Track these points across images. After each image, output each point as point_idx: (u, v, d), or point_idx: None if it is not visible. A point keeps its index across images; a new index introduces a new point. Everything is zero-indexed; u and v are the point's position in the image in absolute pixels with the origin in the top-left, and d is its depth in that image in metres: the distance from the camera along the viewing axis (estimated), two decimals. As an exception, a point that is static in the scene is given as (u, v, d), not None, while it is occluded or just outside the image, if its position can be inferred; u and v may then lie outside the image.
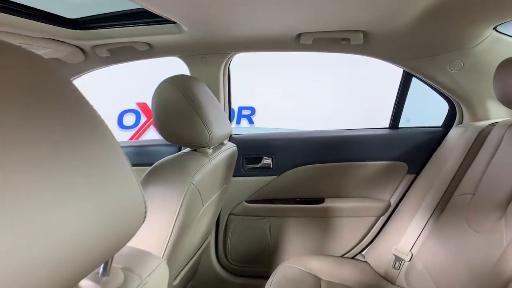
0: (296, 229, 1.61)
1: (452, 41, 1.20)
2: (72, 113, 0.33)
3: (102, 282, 0.42)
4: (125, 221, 0.39)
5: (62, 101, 0.33)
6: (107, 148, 0.37)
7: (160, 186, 0.93)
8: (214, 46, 1.35)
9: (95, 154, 0.34)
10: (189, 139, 1.02)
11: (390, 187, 1.55)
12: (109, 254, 0.38)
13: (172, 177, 0.94)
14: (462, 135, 1.31)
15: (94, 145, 0.35)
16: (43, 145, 0.28)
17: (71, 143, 0.31)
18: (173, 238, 0.92)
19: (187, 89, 1.00)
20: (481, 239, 1.02)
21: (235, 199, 1.62)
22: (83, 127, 0.34)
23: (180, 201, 0.90)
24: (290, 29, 1.20)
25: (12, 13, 0.94)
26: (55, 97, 0.32)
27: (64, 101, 0.33)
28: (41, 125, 0.29)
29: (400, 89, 1.50)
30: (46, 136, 0.29)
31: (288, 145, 1.59)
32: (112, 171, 0.37)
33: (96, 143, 0.35)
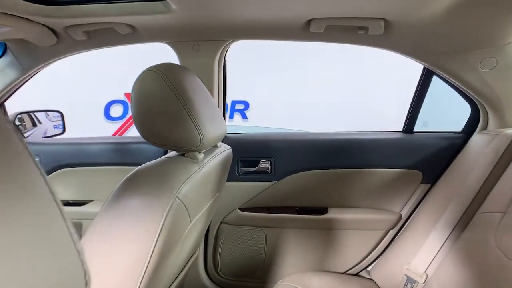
0: (295, 241, 1.44)
1: (487, 35, 1.04)
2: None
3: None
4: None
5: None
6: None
7: (137, 201, 0.75)
8: (209, 31, 1.16)
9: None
10: (176, 141, 0.83)
11: (402, 198, 1.39)
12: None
13: (152, 190, 0.75)
14: (490, 143, 1.15)
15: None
16: None
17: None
18: (153, 263, 0.74)
19: (175, 81, 0.81)
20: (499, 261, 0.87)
21: (227, 206, 1.45)
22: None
23: (162, 220, 0.72)
24: (298, 14, 1.02)
25: None
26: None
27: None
28: None
29: (419, 88, 1.33)
30: None
31: (289, 148, 1.42)
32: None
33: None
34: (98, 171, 1.52)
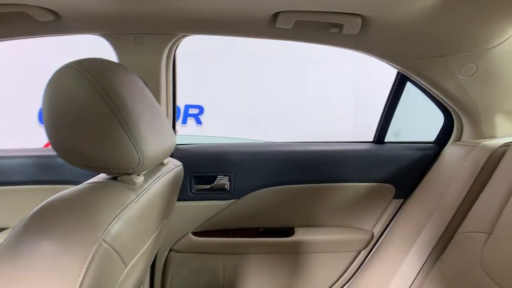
0: (258, 269, 1.27)
1: (468, 39, 0.95)
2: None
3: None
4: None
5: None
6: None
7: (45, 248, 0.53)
8: (154, 22, 0.96)
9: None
10: (105, 162, 0.62)
11: (374, 215, 1.28)
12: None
13: (67, 232, 0.54)
14: (467, 155, 1.07)
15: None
16: None
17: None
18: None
19: (105, 81, 0.60)
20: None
21: (178, 231, 1.24)
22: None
23: (82, 274, 0.51)
24: (263, 6, 0.85)
25: None
26: None
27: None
28: None
29: (392, 95, 1.22)
30: None
31: (250, 161, 1.25)
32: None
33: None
34: (15, 192, 1.23)
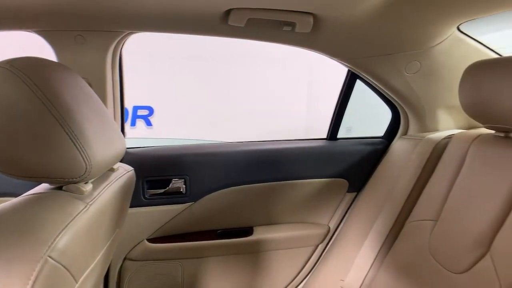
0: (218, 271, 1.25)
1: (412, 38, 1.01)
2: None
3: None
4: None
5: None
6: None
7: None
8: (98, 19, 0.89)
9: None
10: (47, 170, 0.56)
11: (329, 209, 1.31)
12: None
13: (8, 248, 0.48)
14: (414, 148, 1.13)
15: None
16: None
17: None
18: None
19: (43, 83, 0.54)
20: (460, 281, 0.83)
21: (132, 238, 1.18)
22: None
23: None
24: (215, 2, 0.83)
25: None
26: None
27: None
28: None
29: (343, 92, 1.26)
30: None
31: (205, 162, 1.22)
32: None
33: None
34: None
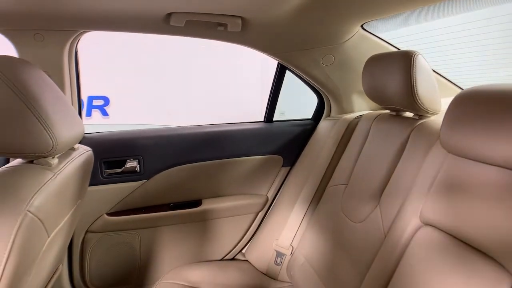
0: (171, 238, 1.42)
1: (325, 35, 1.22)
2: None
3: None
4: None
5: None
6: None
7: None
8: (54, 19, 1.02)
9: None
10: (21, 147, 0.71)
11: (267, 182, 1.53)
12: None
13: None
14: (332, 127, 1.36)
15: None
16: None
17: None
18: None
19: (14, 77, 0.69)
20: (359, 229, 1.06)
21: (92, 213, 1.32)
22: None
23: (11, 240, 0.62)
24: (157, 7, 0.99)
25: None
26: None
27: None
28: None
29: (275, 82, 1.47)
30: None
31: (157, 144, 1.38)
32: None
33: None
34: None
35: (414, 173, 0.90)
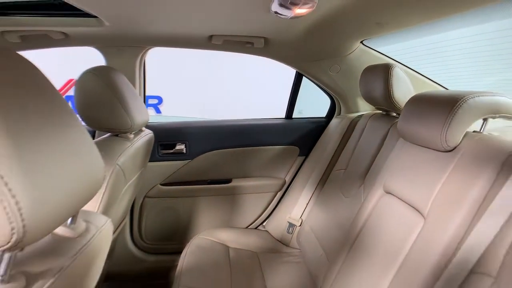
0: (206, 207, 1.81)
1: (331, 49, 1.54)
2: (49, 105, 0.44)
3: (71, 228, 0.56)
4: (90, 184, 0.52)
5: (42, 93, 0.44)
6: (76, 129, 0.49)
7: None
8: (131, 39, 1.45)
9: (67, 135, 0.46)
10: (111, 125, 1.12)
11: (285, 167, 1.86)
12: (77, 207, 0.52)
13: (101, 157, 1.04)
14: (339, 124, 1.67)
15: (66, 128, 0.46)
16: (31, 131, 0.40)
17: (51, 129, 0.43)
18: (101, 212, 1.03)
19: (109, 80, 1.10)
20: (348, 202, 1.36)
21: (150, 183, 1.74)
22: (60, 116, 0.46)
23: (107, 181, 1.01)
24: (203, 31, 1.37)
25: None
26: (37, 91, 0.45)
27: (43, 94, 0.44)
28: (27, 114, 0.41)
29: (294, 86, 1.81)
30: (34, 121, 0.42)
31: (200, 132, 1.77)
32: (81, 146, 0.49)
33: (68, 125, 0.47)
34: None
35: (387, 157, 1.19)
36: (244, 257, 1.52)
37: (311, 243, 1.49)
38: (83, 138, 0.52)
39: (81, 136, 0.51)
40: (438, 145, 0.88)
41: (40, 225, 0.40)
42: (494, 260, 0.68)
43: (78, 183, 0.48)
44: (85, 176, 0.50)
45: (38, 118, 0.43)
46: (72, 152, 0.48)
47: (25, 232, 0.37)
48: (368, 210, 1.12)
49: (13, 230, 0.36)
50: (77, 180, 0.48)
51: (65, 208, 0.45)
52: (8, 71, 0.43)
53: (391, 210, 1.01)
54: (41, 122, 0.43)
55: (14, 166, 0.37)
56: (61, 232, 0.55)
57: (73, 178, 0.47)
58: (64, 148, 0.46)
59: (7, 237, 0.37)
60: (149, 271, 1.80)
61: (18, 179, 0.37)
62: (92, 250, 0.58)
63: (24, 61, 0.46)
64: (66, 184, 0.45)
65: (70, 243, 0.55)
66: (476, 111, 0.86)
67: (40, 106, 0.44)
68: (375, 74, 1.31)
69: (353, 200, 1.33)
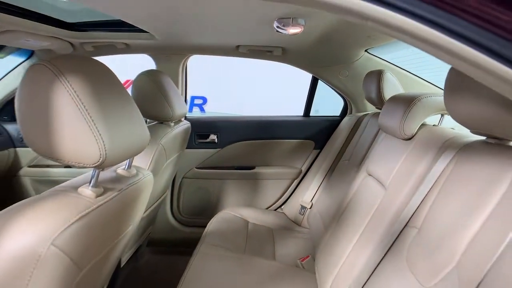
0: (232, 188, 2.14)
1: (339, 57, 1.80)
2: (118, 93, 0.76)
3: (127, 171, 0.90)
4: (142, 139, 0.82)
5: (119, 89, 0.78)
6: (133, 108, 0.81)
7: None
8: (176, 48, 1.82)
9: (131, 109, 0.79)
10: (159, 115, 1.47)
11: (302, 159, 2.13)
12: (132, 154, 0.81)
13: None
14: (348, 121, 1.92)
15: (127, 107, 0.77)
16: (119, 107, 0.75)
17: (125, 104, 0.77)
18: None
19: (157, 80, 1.46)
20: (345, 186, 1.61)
21: (187, 166, 2.10)
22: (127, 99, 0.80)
23: (152, 154, 1.36)
24: (232, 42, 1.71)
25: (26, 18, 1.31)
26: (118, 86, 0.79)
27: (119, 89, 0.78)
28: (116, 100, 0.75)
29: (310, 88, 2.08)
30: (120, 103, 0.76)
31: (229, 126, 2.10)
32: (135, 115, 0.81)
33: (128, 105, 0.79)
34: None
35: (375, 148, 1.43)
36: (260, 230, 1.82)
37: (317, 222, 1.75)
38: (137, 115, 0.81)
39: (136, 113, 0.81)
40: (399, 134, 1.12)
41: (113, 156, 0.68)
42: (420, 216, 0.92)
43: (133, 139, 0.77)
44: (137, 136, 0.79)
45: (112, 100, 0.71)
46: (130, 121, 0.77)
47: (106, 157, 0.65)
48: (354, 189, 1.38)
49: (100, 155, 0.65)
50: (132, 137, 0.77)
51: (126, 151, 0.74)
52: (92, 69, 0.69)
53: (368, 187, 1.26)
54: (113, 102, 0.72)
55: (101, 122, 0.65)
56: (121, 172, 0.89)
57: (130, 135, 0.75)
58: (126, 118, 0.75)
59: (97, 159, 0.65)
60: (184, 240, 2.16)
61: (104, 128, 0.65)
62: (138, 187, 0.88)
63: (101, 64, 0.75)
64: (126, 138, 0.74)
65: (126, 179, 0.85)
66: (428, 108, 1.09)
67: (113, 93, 0.73)
68: (371, 78, 1.55)
69: (350, 186, 1.57)
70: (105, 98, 0.69)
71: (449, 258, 0.72)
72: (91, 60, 0.73)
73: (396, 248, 0.95)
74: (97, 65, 0.74)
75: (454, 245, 0.72)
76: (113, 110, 0.71)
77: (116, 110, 0.72)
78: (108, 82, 0.74)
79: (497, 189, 0.68)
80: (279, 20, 1.18)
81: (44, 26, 1.43)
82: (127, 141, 0.75)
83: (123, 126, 0.73)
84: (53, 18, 1.47)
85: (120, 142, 0.71)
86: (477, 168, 0.77)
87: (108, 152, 0.66)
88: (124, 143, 0.73)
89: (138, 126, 0.81)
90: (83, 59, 0.72)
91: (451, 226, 0.76)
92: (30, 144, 0.66)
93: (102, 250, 0.79)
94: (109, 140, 0.66)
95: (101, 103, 0.67)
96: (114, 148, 0.68)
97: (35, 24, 1.37)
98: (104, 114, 0.67)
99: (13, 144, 2.06)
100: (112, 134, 0.68)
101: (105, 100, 0.69)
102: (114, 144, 0.68)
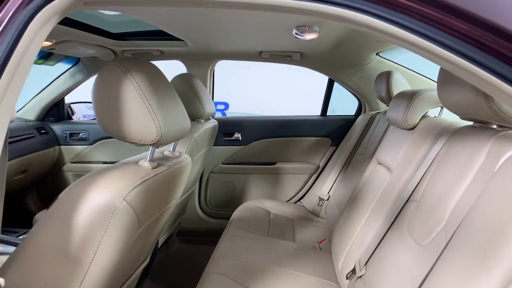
0: (255, 183, 2.32)
1: (352, 60, 1.96)
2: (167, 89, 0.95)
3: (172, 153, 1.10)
4: (185, 125, 0.97)
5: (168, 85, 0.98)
6: (178, 101, 0.98)
7: None
8: (205, 55, 2.04)
9: (177, 102, 0.96)
10: (191, 112, 1.68)
11: (319, 155, 2.29)
12: (177, 138, 0.95)
13: None
14: (362, 119, 2.08)
15: (173, 100, 0.93)
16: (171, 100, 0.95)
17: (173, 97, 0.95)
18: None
19: (190, 82, 1.67)
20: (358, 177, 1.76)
21: (214, 162, 2.30)
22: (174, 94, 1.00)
23: (187, 147, 1.57)
24: (255, 48, 1.91)
25: (80, 29, 1.55)
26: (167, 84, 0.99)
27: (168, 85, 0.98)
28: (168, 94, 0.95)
29: (327, 90, 2.25)
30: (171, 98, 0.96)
31: (252, 125, 2.29)
32: (179, 106, 0.98)
33: (174, 99, 0.96)
34: None
35: (386, 140, 1.58)
36: (281, 219, 1.99)
37: (333, 211, 1.90)
38: (181, 106, 0.98)
39: (180, 105, 0.97)
40: (403, 125, 1.28)
41: (166, 136, 0.83)
42: (419, 192, 1.07)
43: (179, 124, 0.93)
44: (182, 123, 0.96)
45: (164, 93, 0.87)
46: (177, 110, 0.93)
47: (161, 137, 0.80)
48: (365, 177, 1.53)
49: (157, 134, 0.80)
50: (179, 123, 0.93)
51: (175, 134, 0.90)
52: (149, 69, 0.85)
53: (377, 174, 1.42)
54: (165, 95, 0.87)
55: (158, 109, 0.81)
56: (168, 154, 1.09)
57: (177, 121, 0.92)
58: (174, 107, 0.91)
59: (154, 138, 0.80)
60: (211, 230, 2.34)
61: (160, 114, 0.81)
62: (181, 166, 1.06)
63: (154, 66, 0.91)
64: (175, 123, 0.90)
65: (172, 159, 1.03)
66: (428, 101, 1.25)
67: (164, 88, 0.89)
68: (381, 79, 1.71)
69: (363, 176, 1.72)
70: (159, 91, 0.85)
71: (440, 220, 0.87)
72: (147, 62, 0.90)
73: (400, 220, 1.10)
74: (152, 66, 0.90)
75: (444, 209, 0.87)
76: (164, 101, 0.86)
77: (167, 101, 0.88)
78: (160, 79, 0.90)
79: (476, 160, 0.83)
80: (297, 27, 1.37)
81: (94, 36, 1.67)
82: (175, 126, 0.90)
83: (172, 113, 0.89)
84: (100, 29, 1.71)
85: (171, 125, 0.86)
86: (463, 147, 0.92)
87: (163, 132, 0.81)
88: (173, 127, 0.89)
89: (182, 115, 0.97)
90: (142, 61, 0.88)
91: (442, 194, 0.91)
92: (103, 126, 0.81)
93: (155, 213, 0.96)
94: (163, 123, 0.81)
95: (157, 95, 0.83)
96: (167, 130, 0.83)
97: (86, 34, 1.61)
98: (159, 103, 0.82)
99: (58, 143, 2.33)
100: (165, 119, 0.83)
101: (159, 93, 0.84)
102: (166, 126, 0.83)
